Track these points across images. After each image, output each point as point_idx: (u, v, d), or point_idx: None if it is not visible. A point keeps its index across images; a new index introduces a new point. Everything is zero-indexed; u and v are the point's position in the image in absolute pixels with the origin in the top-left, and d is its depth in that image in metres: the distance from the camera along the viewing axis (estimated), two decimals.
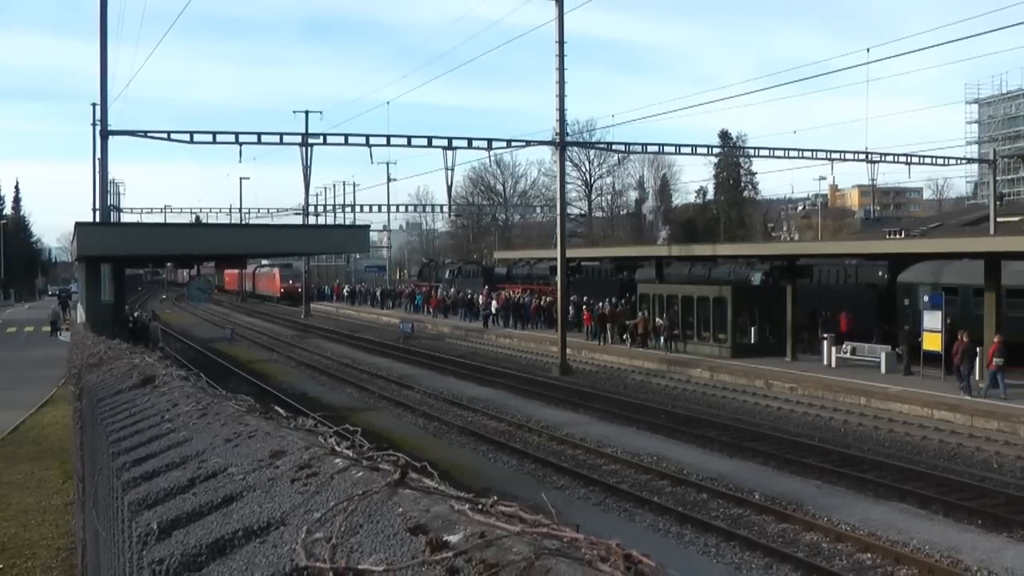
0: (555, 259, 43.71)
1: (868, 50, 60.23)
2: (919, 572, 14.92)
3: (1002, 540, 16.41)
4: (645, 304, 45.81)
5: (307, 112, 67.20)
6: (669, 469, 21.96)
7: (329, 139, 43.65)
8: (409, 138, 42.97)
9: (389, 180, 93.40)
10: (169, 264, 50.07)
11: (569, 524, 1.69)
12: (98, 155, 37.61)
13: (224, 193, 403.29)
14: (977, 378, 29.89)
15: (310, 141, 44.59)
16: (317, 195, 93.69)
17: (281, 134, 41.90)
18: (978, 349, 30.16)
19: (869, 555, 15.82)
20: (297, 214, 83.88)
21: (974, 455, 23.27)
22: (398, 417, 30.87)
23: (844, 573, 14.88)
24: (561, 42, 39.34)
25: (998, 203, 57.49)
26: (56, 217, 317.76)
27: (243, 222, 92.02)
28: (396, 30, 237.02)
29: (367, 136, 42.07)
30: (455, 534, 1.71)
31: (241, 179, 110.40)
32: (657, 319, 44.70)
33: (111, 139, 35.84)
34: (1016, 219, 53.89)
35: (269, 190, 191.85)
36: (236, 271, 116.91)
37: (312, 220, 79.09)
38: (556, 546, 1.58)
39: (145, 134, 38.17)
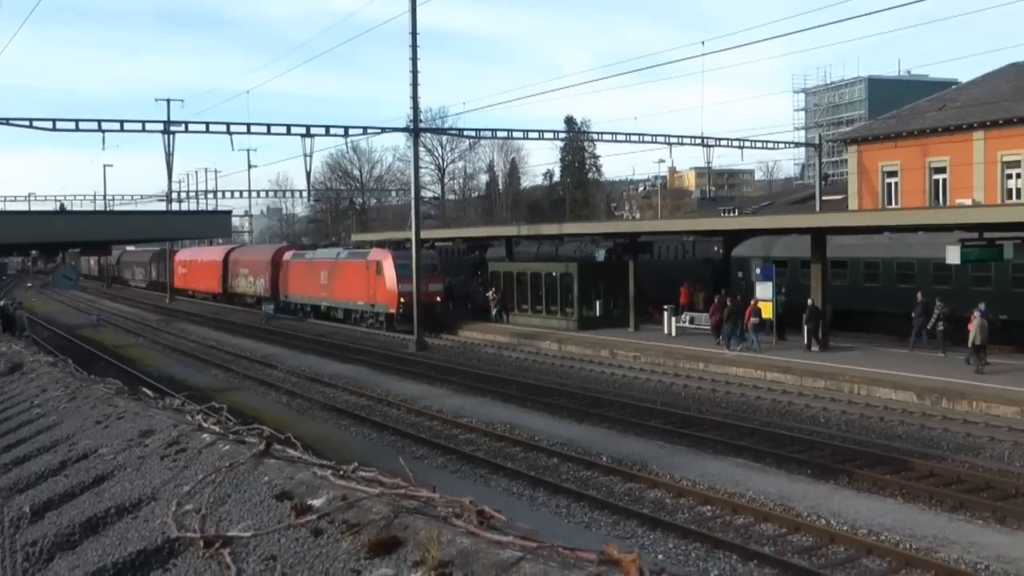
0: (410, 240, 44.35)
1: (703, 43, 62.83)
2: (755, 520, 15.98)
3: (829, 487, 17.64)
4: (496, 281, 47.19)
5: (169, 100, 66.05)
6: (521, 436, 22.78)
7: (191, 127, 43.45)
8: (269, 126, 43.42)
9: (250, 167, 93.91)
10: (35, 252, 48.72)
11: (426, 486, 1.73)
12: None
13: (88, 180, 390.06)
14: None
15: (172, 128, 43.97)
16: (180, 182, 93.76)
17: (143, 122, 41.82)
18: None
19: (709, 507, 16.84)
20: (161, 200, 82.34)
21: (803, 411, 24.90)
22: (263, 395, 31.11)
23: (686, 525, 15.65)
24: (414, 33, 40.15)
25: (823, 183, 60.96)
26: None
27: (107, 209, 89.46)
28: (254, 22, 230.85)
29: (228, 124, 42.44)
30: (318, 498, 1.72)
31: (105, 166, 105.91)
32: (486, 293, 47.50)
33: None
34: (839, 197, 56.97)
35: (133, 177, 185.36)
36: (264, 256, 65.41)
37: (176, 206, 78.11)
38: (414, 505, 1.58)
39: (7, 121, 37.56)
